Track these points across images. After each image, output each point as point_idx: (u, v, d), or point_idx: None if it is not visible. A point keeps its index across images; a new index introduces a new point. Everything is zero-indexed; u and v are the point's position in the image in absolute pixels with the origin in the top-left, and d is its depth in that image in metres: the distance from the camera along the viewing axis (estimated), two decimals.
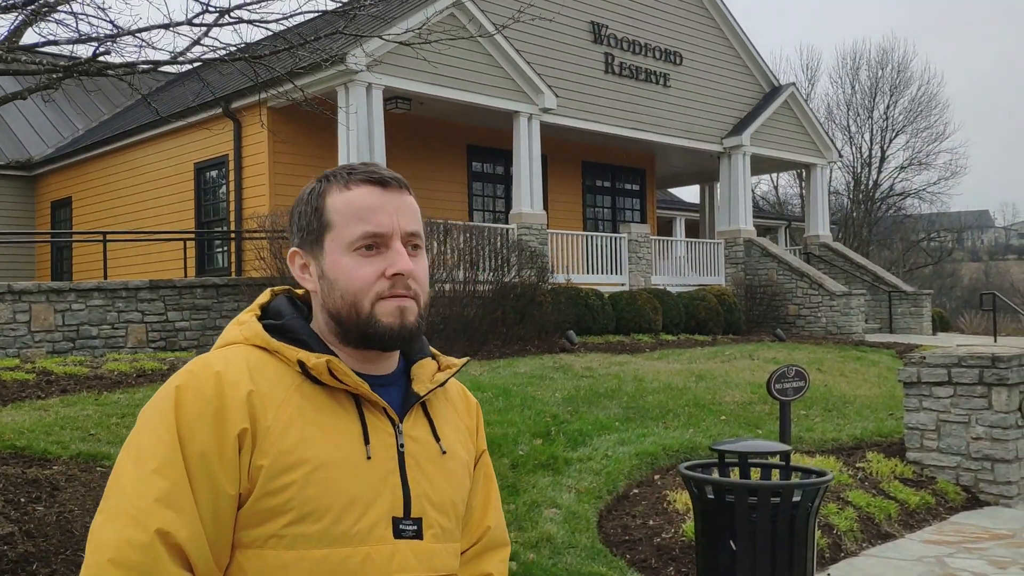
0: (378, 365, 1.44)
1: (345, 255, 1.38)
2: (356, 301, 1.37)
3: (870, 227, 39.68)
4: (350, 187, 1.40)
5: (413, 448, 1.40)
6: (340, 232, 1.38)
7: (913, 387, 7.49)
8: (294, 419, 1.32)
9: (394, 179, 1.42)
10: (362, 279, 1.36)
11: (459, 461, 1.48)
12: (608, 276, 16.68)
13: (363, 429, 1.36)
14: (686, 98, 18.57)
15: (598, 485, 6.11)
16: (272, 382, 1.34)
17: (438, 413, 1.49)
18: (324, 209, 1.41)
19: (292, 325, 1.42)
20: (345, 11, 5.42)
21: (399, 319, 1.37)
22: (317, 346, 1.39)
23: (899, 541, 5.94)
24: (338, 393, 1.37)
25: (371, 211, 1.38)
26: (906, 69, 39.14)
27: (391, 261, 1.37)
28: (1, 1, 4.01)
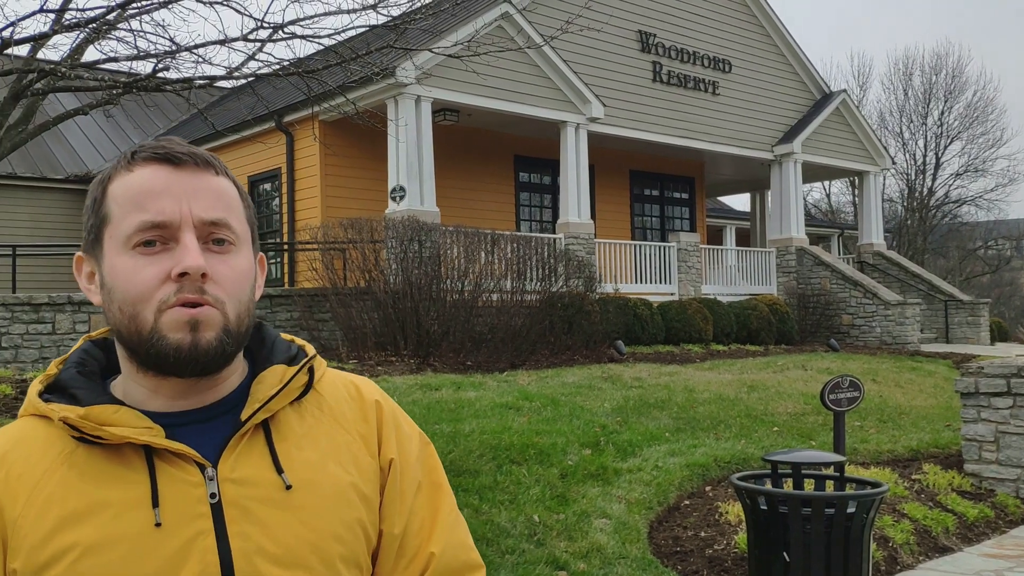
0: (201, 395, 1.12)
1: (122, 254, 1.07)
2: (136, 313, 1.06)
3: (925, 235, 38.97)
4: (132, 168, 1.10)
5: (236, 493, 1.08)
6: (117, 225, 1.08)
7: (971, 398, 7.34)
8: (53, 499, 1.04)
9: (190, 155, 1.10)
10: (141, 283, 1.06)
11: (326, 489, 1.13)
12: (657, 285, 16.60)
13: (152, 488, 1.05)
14: (735, 106, 18.44)
15: (648, 496, 6.08)
16: (32, 459, 1.07)
17: (291, 433, 1.15)
18: (104, 198, 1.11)
19: (62, 379, 1.13)
20: (396, 25, 5.50)
21: (190, 335, 1.05)
22: (89, 395, 1.09)
23: (957, 555, 5.82)
24: (124, 451, 1.07)
25: (151, 196, 1.07)
26: (961, 74, 38.48)
27: (178, 258, 1.05)
28: (65, 20, 4.14)
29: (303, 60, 6.02)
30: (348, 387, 1.25)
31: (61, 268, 19.77)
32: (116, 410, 1.07)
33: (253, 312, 1.14)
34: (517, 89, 14.38)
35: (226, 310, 1.08)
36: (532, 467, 6.37)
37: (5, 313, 10.88)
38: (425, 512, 1.23)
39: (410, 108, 13.13)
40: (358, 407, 1.23)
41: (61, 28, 4.03)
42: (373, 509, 1.18)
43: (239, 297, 1.10)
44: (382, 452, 1.21)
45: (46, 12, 4.08)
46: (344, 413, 1.21)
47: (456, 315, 11.58)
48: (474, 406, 7.91)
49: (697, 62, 17.82)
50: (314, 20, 4.57)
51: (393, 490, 1.20)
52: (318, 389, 1.21)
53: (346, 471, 1.16)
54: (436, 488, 1.26)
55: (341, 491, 1.14)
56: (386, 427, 1.23)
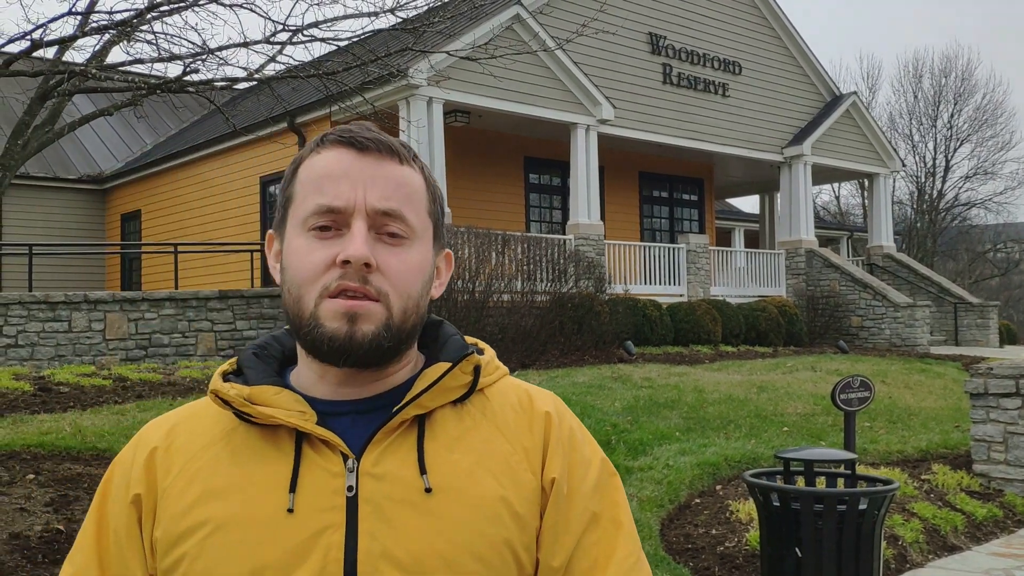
0: (367, 385, 1.08)
1: (299, 235, 1.06)
2: (300, 296, 1.04)
3: (934, 238, 38.92)
4: (320, 150, 1.09)
5: (374, 489, 1.02)
6: (298, 206, 1.07)
7: (980, 399, 7.38)
8: (201, 473, 1.05)
9: (375, 141, 1.07)
10: (310, 266, 1.04)
11: (471, 499, 1.04)
12: (666, 287, 16.65)
13: (293, 472, 1.03)
14: (745, 108, 18.48)
15: (659, 494, 6.14)
16: (197, 433, 1.09)
17: (443, 434, 1.08)
18: (293, 178, 1.11)
19: (242, 358, 1.14)
20: (414, 28, 5.58)
21: (346, 326, 1.02)
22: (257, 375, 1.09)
23: (966, 553, 5.86)
24: (279, 433, 1.06)
25: (331, 179, 1.05)
26: (970, 77, 38.43)
27: (344, 245, 1.03)
28: (91, 22, 4.22)
29: (320, 61, 6.11)
30: (520, 395, 1.15)
31: (76, 267, 19.91)
32: (277, 392, 1.07)
33: (424, 309, 1.10)
34: (528, 91, 14.46)
35: (390, 303, 1.04)
36: None
37: (22, 311, 11.00)
38: (598, 551, 1.09)
39: (422, 109, 13.21)
40: (525, 417, 1.12)
41: (89, 30, 4.11)
42: (528, 532, 1.06)
43: (407, 291, 1.06)
44: (545, 470, 1.09)
45: (74, 15, 4.20)
46: (508, 421, 1.11)
47: (467, 315, 11.66)
48: None
49: (707, 64, 17.87)
50: (333, 23, 4.65)
51: (555, 516, 1.08)
52: (486, 393, 1.13)
53: (499, 483, 1.06)
54: (615, 526, 1.11)
55: (489, 504, 1.04)
56: (554, 442, 1.11)
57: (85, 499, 4.80)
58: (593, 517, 1.09)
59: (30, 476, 5.08)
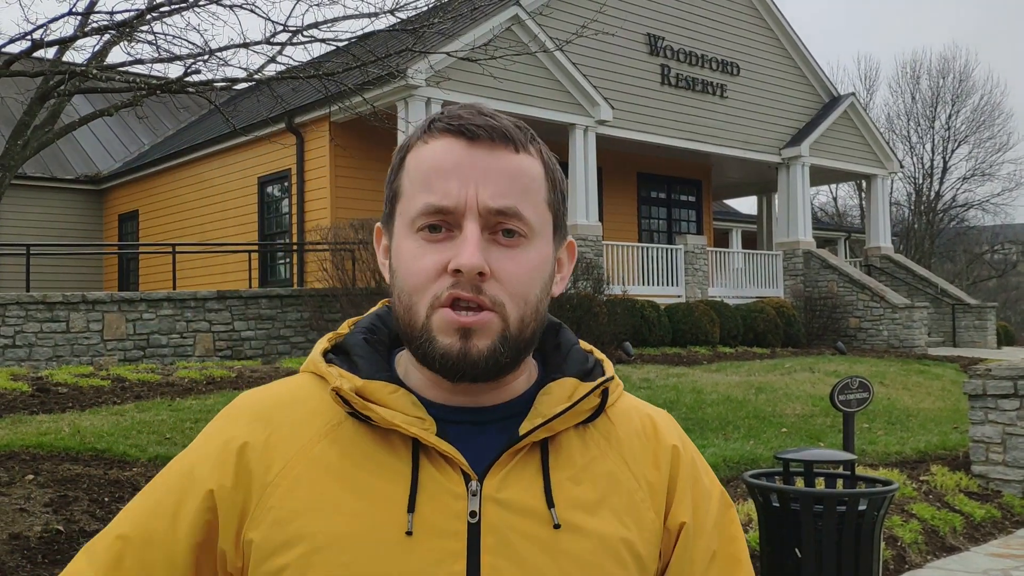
0: (482, 395, 0.98)
1: (408, 236, 0.96)
2: (411, 304, 0.95)
3: (932, 239, 38.97)
4: (428, 139, 0.98)
5: (498, 518, 0.93)
6: (406, 203, 0.97)
7: (978, 400, 7.39)
8: (307, 475, 0.94)
9: (487, 129, 0.95)
10: (420, 273, 0.94)
11: (595, 539, 0.95)
12: (664, 288, 16.66)
13: (411, 489, 0.93)
14: (743, 109, 18.50)
15: None
16: (298, 423, 0.97)
17: (569, 463, 0.98)
18: (400, 170, 1.00)
19: (348, 343, 1.02)
20: (414, 28, 5.59)
21: (460, 342, 0.92)
22: (369, 368, 0.98)
23: (964, 554, 5.88)
24: (392, 436, 0.95)
25: (439, 174, 0.94)
26: (968, 78, 38.48)
27: (456, 251, 0.93)
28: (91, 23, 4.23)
29: (320, 61, 6.12)
30: (644, 420, 1.06)
31: (73, 268, 19.89)
32: (393, 390, 0.96)
33: (544, 313, 0.99)
34: (526, 92, 14.47)
35: (506, 313, 0.93)
36: None
37: (20, 312, 10.99)
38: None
39: (420, 110, 13.22)
40: (651, 448, 1.03)
41: (89, 31, 4.11)
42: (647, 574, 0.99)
43: (525, 297, 0.95)
44: (671, 513, 1.02)
45: (74, 15, 4.20)
46: (634, 451, 1.02)
47: None
48: None
49: (705, 65, 17.89)
50: (333, 23, 4.64)
51: (682, 560, 1.01)
52: (609, 415, 1.03)
53: (623, 523, 0.97)
54: (734, 564, 1.04)
55: (613, 546, 0.96)
56: (682, 481, 1.03)
57: (84, 499, 4.80)
58: (713, 556, 1.03)
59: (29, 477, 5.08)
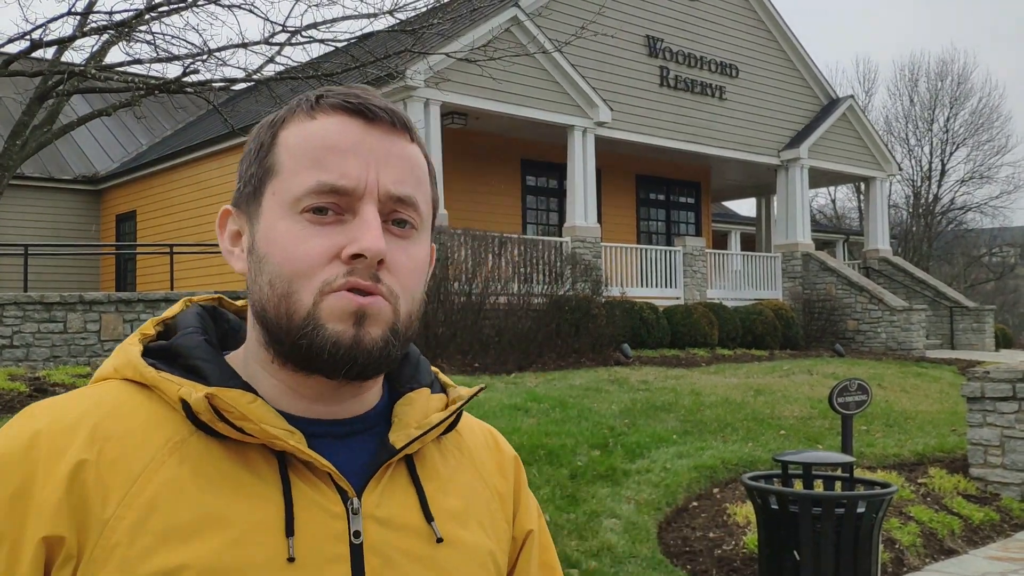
0: (342, 404, 0.90)
1: (285, 218, 0.85)
2: (290, 292, 0.84)
3: (930, 241, 39.00)
4: (315, 115, 0.88)
5: (380, 537, 0.86)
6: (285, 181, 0.86)
7: (977, 402, 7.39)
8: (159, 503, 0.79)
9: (387, 112, 0.88)
10: (305, 257, 0.84)
11: (470, 553, 0.91)
12: (663, 290, 16.66)
13: (286, 510, 0.82)
14: (742, 111, 18.51)
15: (657, 497, 6.14)
16: (134, 440, 0.82)
17: (436, 474, 0.93)
18: (274, 145, 0.89)
19: (183, 345, 0.89)
20: (413, 29, 5.58)
21: (353, 329, 0.83)
22: (219, 374, 0.86)
23: (962, 557, 5.87)
24: (250, 454, 0.84)
25: (335, 153, 0.85)
26: (966, 81, 38.53)
27: (353, 235, 0.84)
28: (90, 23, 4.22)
29: (319, 62, 6.11)
30: (484, 432, 1.04)
31: (71, 268, 19.87)
32: (252, 399, 0.84)
33: (421, 313, 0.92)
34: (525, 93, 14.46)
35: (398, 306, 0.86)
36: (542, 467, 6.43)
37: (17, 312, 10.97)
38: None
39: (419, 111, 13.21)
40: (496, 459, 1.02)
41: (88, 31, 4.10)
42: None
43: (414, 293, 0.89)
44: (518, 522, 1.00)
45: (73, 15, 4.19)
46: (484, 462, 1.00)
47: (463, 317, 11.65)
48: (483, 407, 7.97)
49: (704, 67, 17.90)
50: (332, 24, 4.61)
51: (524, 568, 1.00)
52: (458, 427, 1.00)
53: (486, 533, 0.94)
54: (550, 571, 1.03)
55: (482, 558, 0.92)
56: (524, 490, 1.02)
57: None
58: (540, 564, 1.02)
59: None
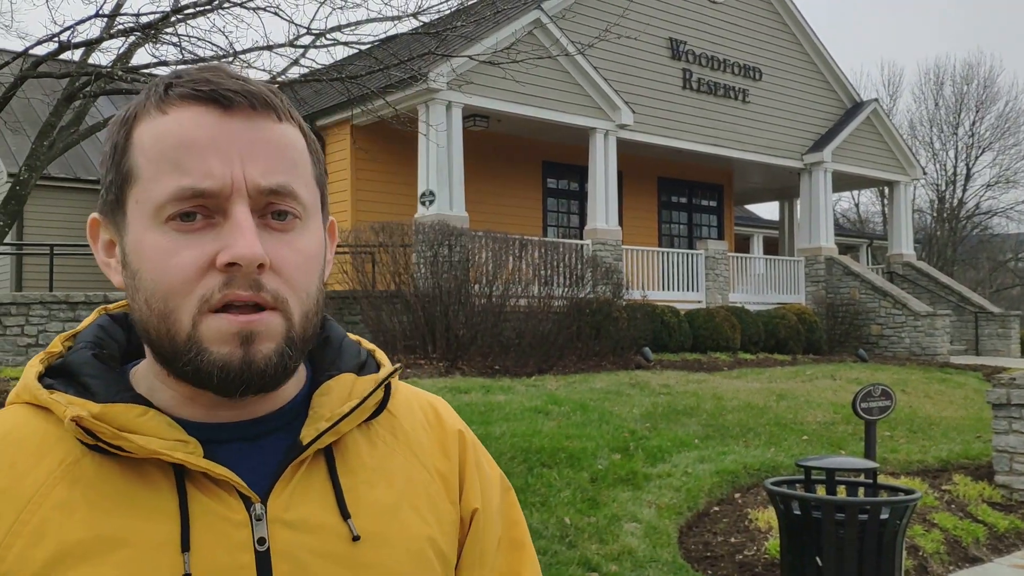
0: (247, 407, 0.85)
1: (151, 228, 0.79)
2: (168, 312, 0.78)
3: (955, 246, 38.65)
4: (166, 109, 0.80)
5: (290, 541, 0.81)
6: (146, 189, 0.79)
7: (1002, 409, 7.31)
8: (49, 526, 0.77)
9: (245, 94, 0.80)
10: (177, 272, 0.78)
11: (400, 544, 0.87)
12: (684, 293, 16.60)
13: (183, 524, 0.78)
14: (766, 114, 18.42)
15: (678, 501, 6.11)
16: (22, 465, 0.79)
17: (360, 466, 0.88)
18: (128, 147, 0.81)
19: (73, 361, 0.84)
20: (436, 32, 5.59)
21: (240, 349, 0.78)
22: (105, 389, 0.82)
23: (987, 565, 5.81)
24: (146, 468, 0.80)
25: (193, 151, 0.78)
26: (993, 84, 38.31)
27: (226, 241, 0.77)
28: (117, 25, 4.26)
29: (342, 64, 6.13)
30: (425, 410, 0.98)
31: (95, 268, 20.07)
32: (142, 412, 0.80)
33: (321, 307, 0.86)
34: (547, 95, 14.46)
35: (289, 310, 0.80)
36: (563, 470, 6.42)
37: (43, 311, 11.09)
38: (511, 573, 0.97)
39: (441, 113, 13.23)
40: (437, 437, 0.96)
41: (115, 32, 4.15)
42: (450, 569, 0.92)
43: (306, 289, 0.82)
44: (464, 499, 0.95)
45: (100, 17, 4.23)
46: (422, 443, 0.94)
47: (484, 320, 11.66)
48: (504, 409, 7.97)
49: (727, 70, 17.83)
50: (356, 27, 4.64)
51: (474, 548, 0.95)
52: (390, 408, 0.94)
53: (424, 520, 0.90)
54: (518, 548, 0.99)
55: (419, 548, 0.88)
56: (469, 466, 0.97)
57: None
58: (499, 541, 0.97)
59: None
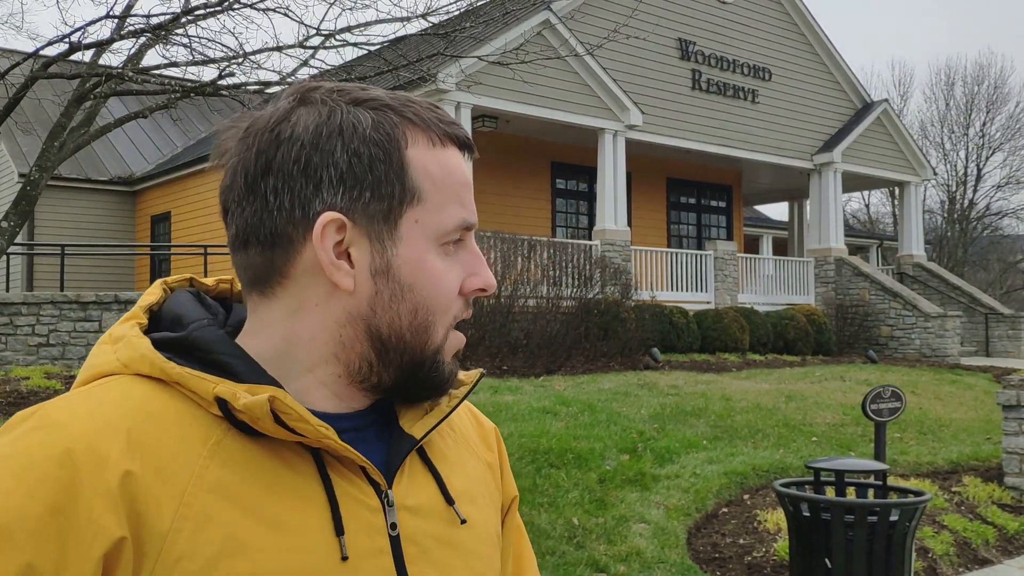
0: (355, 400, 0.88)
1: (432, 250, 0.85)
2: (429, 325, 0.85)
3: (965, 247, 38.49)
4: (446, 144, 0.88)
5: (413, 526, 0.86)
6: (432, 213, 0.85)
7: (1012, 410, 7.28)
8: (212, 510, 0.76)
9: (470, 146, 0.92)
10: (448, 292, 0.85)
11: (483, 529, 0.93)
12: (693, 293, 16.57)
13: (332, 509, 0.81)
14: (775, 114, 18.38)
15: (686, 502, 6.11)
16: (172, 445, 0.77)
17: (444, 457, 0.94)
18: (407, 166, 0.85)
19: (204, 338, 0.84)
20: (445, 32, 5.60)
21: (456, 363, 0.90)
22: (247, 370, 0.83)
23: (997, 567, 5.79)
24: (280, 447, 0.82)
25: (467, 189, 0.88)
26: (1004, 85, 38.18)
27: (473, 268, 0.87)
28: (127, 26, 4.27)
29: (352, 65, 6.15)
30: (463, 409, 1.04)
31: (106, 268, 20.13)
32: (284, 396, 0.79)
33: None
34: (555, 96, 14.45)
35: None
36: (571, 471, 6.42)
37: (54, 311, 11.13)
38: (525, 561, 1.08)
39: (450, 114, 13.22)
40: (479, 432, 1.03)
41: (126, 33, 4.16)
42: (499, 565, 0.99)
43: None
44: (505, 487, 1.04)
45: (111, 18, 4.24)
46: (471, 437, 1.01)
47: (492, 320, 11.66)
48: (511, 410, 7.97)
49: (737, 70, 17.79)
50: (365, 27, 4.66)
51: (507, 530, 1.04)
52: None
53: (489, 506, 0.97)
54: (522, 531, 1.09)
55: (492, 532, 0.95)
56: (504, 459, 1.05)
57: None
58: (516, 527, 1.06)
59: None
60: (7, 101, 6.71)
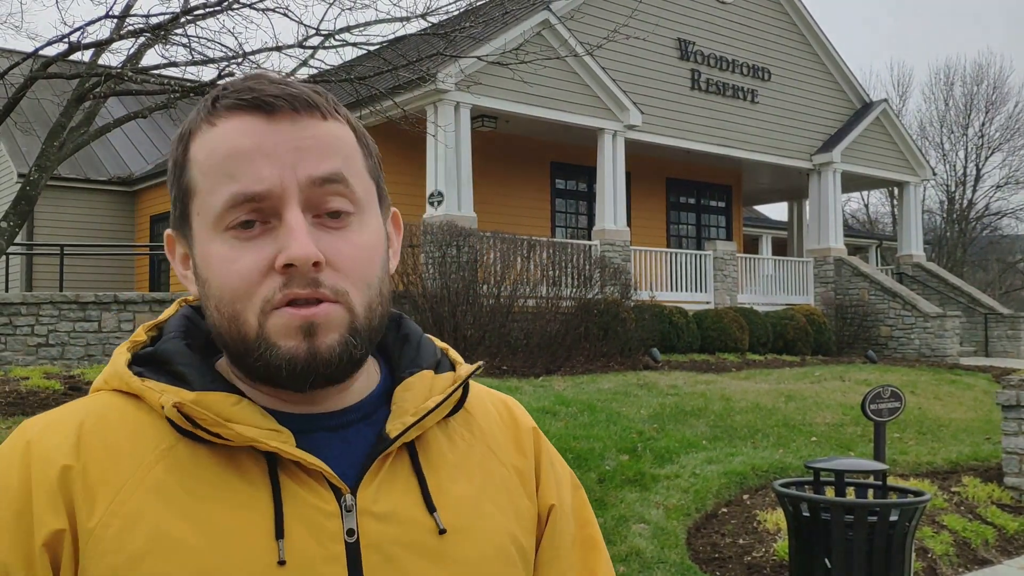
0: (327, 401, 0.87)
1: (214, 239, 0.83)
2: (236, 314, 0.82)
3: (964, 247, 38.51)
4: (215, 120, 0.83)
5: (378, 533, 0.83)
6: (204, 201, 0.83)
7: (1012, 410, 7.28)
8: (145, 510, 0.78)
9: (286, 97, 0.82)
10: (239, 277, 0.81)
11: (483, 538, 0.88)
12: (692, 294, 16.57)
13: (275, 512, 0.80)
14: (774, 114, 18.39)
15: (686, 502, 6.10)
16: (120, 449, 0.81)
17: (442, 461, 0.90)
18: (186, 163, 0.85)
19: (166, 350, 0.87)
20: (445, 32, 5.60)
21: (305, 342, 0.81)
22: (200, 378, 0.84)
23: (996, 567, 5.79)
24: (239, 457, 0.82)
25: (241, 158, 0.81)
26: (1003, 85, 38.25)
27: (281, 243, 0.80)
28: (127, 26, 4.27)
29: (351, 65, 6.15)
30: (499, 407, 1.00)
31: (105, 268, 20.13)
32: (236, 401, 0.82)
33: (388, 294, 0.88)
34: (555, 96, 14.45)
35: (351, 302, 0.82)
36: None
37: (53, 311, 11.13)
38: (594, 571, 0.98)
39: (449, 114, 13.24)
40: (512, 434, 0.98)
41: (125, 33, 4.16)
42: (530, 566, 0.93)
43: (367, 280, 0.84)
44: (541, 495, 0.96)
45: (110, 18, 4.24)
46: (498, 440, 0.96)
47: (492, 320, 11.66)
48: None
49: (736, 70, 17.80)
50: (365, 27, 4.65)
51: (551, 544, 0.95)
52: (466, 406, 0.96)
53: (504, 515, 0.91)
54: (593, 547, 0.99)
55: (500, 543, 0.89)
56: (544, 463, 0.98)
57: None
58: (573, 540, 0.98)
59: None
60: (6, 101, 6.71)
